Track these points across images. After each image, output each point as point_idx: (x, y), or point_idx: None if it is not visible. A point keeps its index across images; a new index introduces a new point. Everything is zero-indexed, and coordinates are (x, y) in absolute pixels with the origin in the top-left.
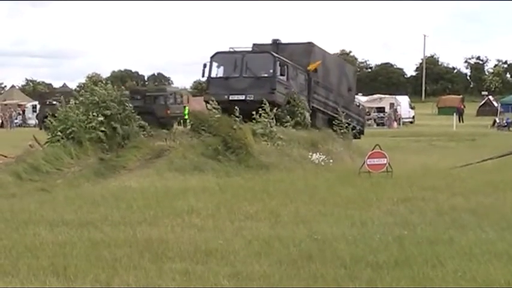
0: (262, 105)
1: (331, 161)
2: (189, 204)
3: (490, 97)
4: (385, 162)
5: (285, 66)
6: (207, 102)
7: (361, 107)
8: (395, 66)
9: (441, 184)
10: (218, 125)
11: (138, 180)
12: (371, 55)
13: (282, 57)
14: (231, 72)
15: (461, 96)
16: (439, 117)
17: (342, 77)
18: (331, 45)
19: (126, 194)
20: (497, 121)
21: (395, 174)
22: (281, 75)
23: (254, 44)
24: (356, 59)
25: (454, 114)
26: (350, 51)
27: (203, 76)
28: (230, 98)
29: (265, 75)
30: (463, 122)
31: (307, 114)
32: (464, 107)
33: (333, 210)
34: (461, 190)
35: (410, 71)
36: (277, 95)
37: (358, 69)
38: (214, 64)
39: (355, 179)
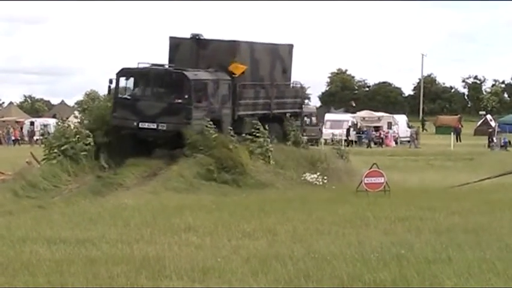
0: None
1: (329, 179)
2: (186, 222)
3: (488, 116)
4: (383, 181)
5: (203, 87)
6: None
7: (299, 86)
8: (393, 85)
9: (439, 203)
10: (214, 144)
11: (135, 198)
12: (368, 74)
13: (198, 76)
14: (140, 93)
15: (458, 115)
16: (437, 136)
17: (275, 62)
18: (328, 64)
19: (123, 212)
20: (495, 141)
21: (393, 194)
22: (198, 101)
23: (171, 38)
24: (353, 77)
25: (452, 133)
26: (346, 70)
27: (109, 94)
28: (140, 126)
29: (180, 101)
30: (460, 141)
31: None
32: (462, 126)
33: (330, 228)
34: (459, 209)
35: (408, 90)
36: (193, 125)
37: (356, 88)
38: (122, 82)
39: (352, 197)
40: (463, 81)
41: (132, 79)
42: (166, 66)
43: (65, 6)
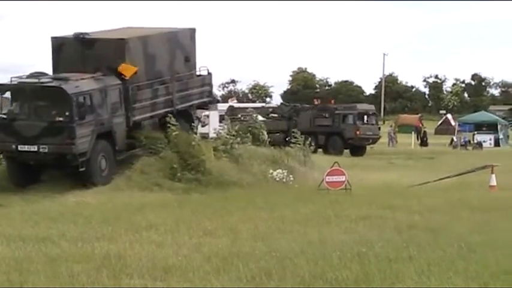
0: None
1: (291, 177)
2: (148, 220)
3: (448, 116)
4: (344, 179)
5: (87, 100)
6: None
7: (206, 73)
8: (354, 84)
9: (399, 202)
10: (177, 142)
11: (96, 196)
12: (330, 73)
13: (81, 88)
14: (18, 111)
15: (419, 114)
16: (398, 135)
17: (175, 50)
18: (289, 63)
19: (84, 210)
20: (455, 140)
21: (354, 192)
22: (81, 118)
23: (53, 38)
24: (314, 75)
25: (413, 132)
26: (306, 68)
27: None
28: (19, 149)
29: (61, 119)
30: (421, 140)
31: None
32: (423, 125)
33: (292, 227)
34: (420, 208)
35: (369, 89)
36: (78, 144)
37: (318, 87)
38: None
39: (314, 195)
40: (424, 80)
41: (8, 95)
42: (45, 79)
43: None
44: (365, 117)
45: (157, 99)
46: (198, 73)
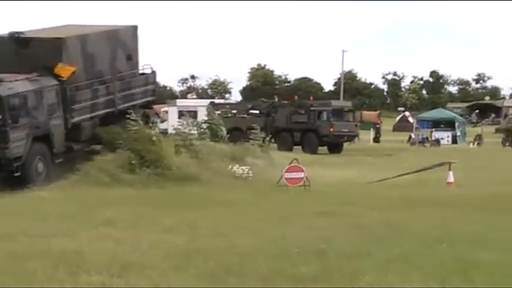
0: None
1: (250, 173)
2: (106, 216)
3: (406, 113)
4: (303, 176)
5: (22, 102)
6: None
7: (150, 71)
8: (313, 81)
9: (359, 199)
10: (136, 137)
11: (53, 192)
12: (289, 69)
13: (14, 90)
14: None
15: (378, 111)
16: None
17: (117, 49)
18: (248, 60)
19: (42, 206)
20: (413, 137)
21: (313, 189)
22: (15, 121)
23: None
24: (273, 72)
25: (371, 129)
26: (265, 65)
27: None
28: None
29: None
30: (380, 136)
31: None
32: (381, 122)
33: (251, 223)
34: (378, 205)
35: (328, 86)
36: (12, 148)
37: (277, 83)
38: None
39: (273, 192)
40: (383, 77)
41: None
42: None
43: None
44: (341, 113)
45: (98, 99)
46: (141, 71)
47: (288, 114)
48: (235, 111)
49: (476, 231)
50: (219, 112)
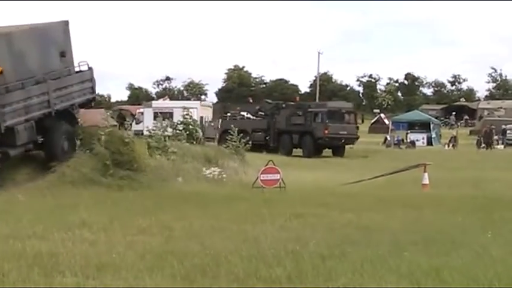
0: None
1: (224, 175)
2: (81, 218)
3: (382, 115)
4: (279, 177)
5: None
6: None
7: (86, 68)
8: (289, 83)
9: (333, 200)
10: (110, 138)
11: (27, 193)
12: (265, 71)
13: None
14: None
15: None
16: None
17: (49, 47)
18: (223, 61)
19: (16, 207)
20: (388, 139)
21: (289, 190)
22: None
23: None
24: (250, 74)
25: None
26: (243, 67)
27: None
28: None
29: None
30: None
31: None
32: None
33: (226, 225)
34: (353, 206)
35: (304, 88)
36: None
37: (253, 85)
38: None
39: (248, 194)
40: (358, 79)
41: None
42: None
43: None
44: (338, 115)
45: (31, 100)
46: (77, 69)
47: (288, 116)
48: (244, 113)
49: (451, 232)
50: (229, 114)
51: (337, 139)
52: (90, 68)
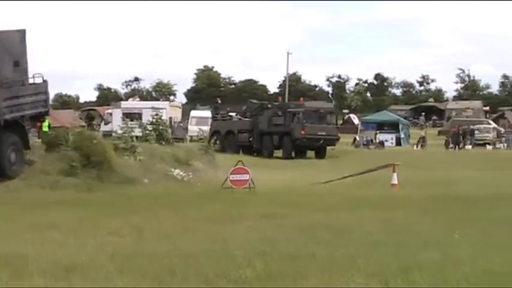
0: None
1: (195, 176)
2: (49, 219)
3: (351, 115)
4: (248, 178)
5: None
6: None
7: (41, 81)
8: (258, 83)
9: (303, 200)
10: (78, 139)
11: None
12: (234, 71)
13: None
14: None
15: None
16: None
17: (3, 55)
18: (194, 61)
19: None
20: (357, 139)
21: (258, 191)
22: None
23: None
24: (219, 74)
25: None
26: (213, 67)
27: None
28: None
29: None
30: None
31: None
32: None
33: (195, 225)
34: (323, 206)
35: (273, 88)
36: None
37: (222, 85)
38: None
39: (217, 194)
40: (328, 79)
41: None
42: None
43: None
44: (316, 115)
45: None
46: (31, 81)
47: (269, 117)
48: (233, 114)
49: (420, 232)
50: (221, 115)
51: (315, 140)
52: (45, 81)
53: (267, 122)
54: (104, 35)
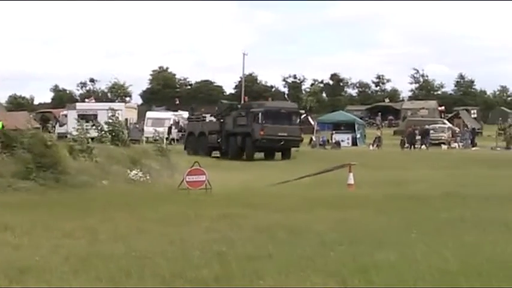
0: None
1: (151, 177)
2: (3, 221)
3: (308, 116)
4: (204, 179)
5: None
6: None
7: None
8: (214, 84)
9: (260, 201)
10: (32, 141)
11: None
12: (190, 72)
13: None
14: None
15: None
16: None
17: None
18: (149, 62)
19: None
20: (314, 139)
21: (215, 192)
22: None
23: None
24: (174, 75)
25: None
26: (168, 68)
27: None
28: None
29: None
30: None
31: None
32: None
33: (151, 227)
34: (280, 207)
35: (229, 89)
36: None
37: (178, 86)
38: None
39: (174, 195)
40: (283, 80)
41: None
42: None
43: None
44: (278, 115)
45: None
46: None
47: (234, 118)
48: (207, 115)
49: (377, 232)
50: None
51: (275, 141)
52: None
53: (232, 122)
54: (58, 35)
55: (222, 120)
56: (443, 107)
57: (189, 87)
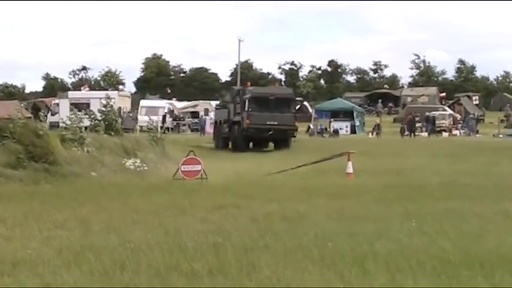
0: None
1: (145, 167)
2: None
3: (305, 103)
4: (200, 168)
5: None
6: None
7: None
8: (209, 71)
9: (256, 191)
10: (23, 131)
11: None
12: (184, 59)
13: None
14: None
15: None
16: None
17: None
18: (142, 49)
19: None
20: (312, 127)
21: (210, 181)
22: None
23: None
24: (168, 62)
25: None
26: (161, 55)
27: None
28: None
29: None
30: None
31: None
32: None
33: (146, 218)
34: (276, 197)
35: (225, 76)
36: None
37: (172, 74)
38: None
39: (169, 185)
40: (280, 67)
41: None
42: None
43: None
44: (267, 102)
45: None
46: None
47: (235, 105)
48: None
49: (375, 221)
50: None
51: (263, 130)
52: None
53: (233, 110)
54: (50, 22)
55: (227, 108)
56: (444, 94)
57: (183, 74)
